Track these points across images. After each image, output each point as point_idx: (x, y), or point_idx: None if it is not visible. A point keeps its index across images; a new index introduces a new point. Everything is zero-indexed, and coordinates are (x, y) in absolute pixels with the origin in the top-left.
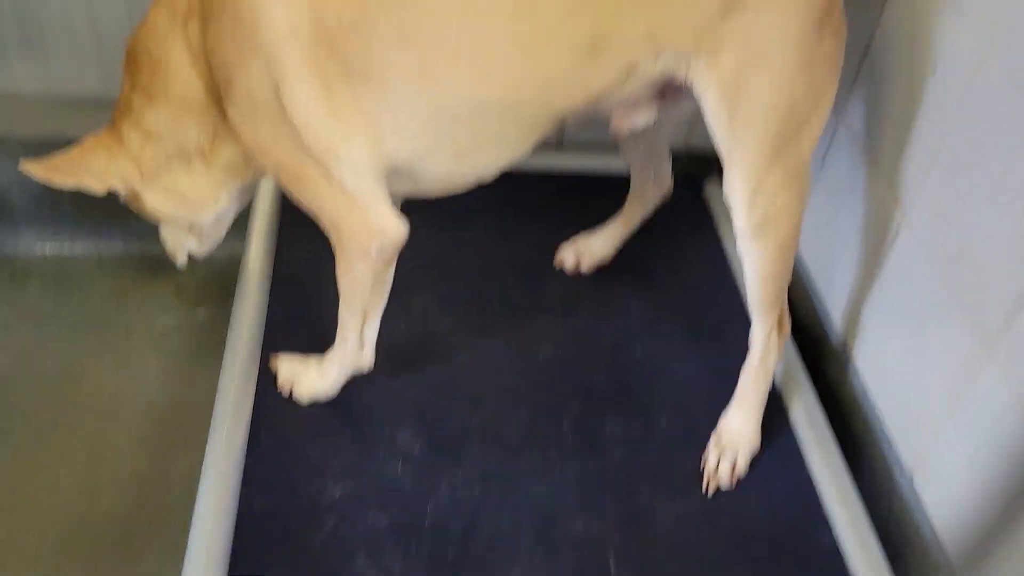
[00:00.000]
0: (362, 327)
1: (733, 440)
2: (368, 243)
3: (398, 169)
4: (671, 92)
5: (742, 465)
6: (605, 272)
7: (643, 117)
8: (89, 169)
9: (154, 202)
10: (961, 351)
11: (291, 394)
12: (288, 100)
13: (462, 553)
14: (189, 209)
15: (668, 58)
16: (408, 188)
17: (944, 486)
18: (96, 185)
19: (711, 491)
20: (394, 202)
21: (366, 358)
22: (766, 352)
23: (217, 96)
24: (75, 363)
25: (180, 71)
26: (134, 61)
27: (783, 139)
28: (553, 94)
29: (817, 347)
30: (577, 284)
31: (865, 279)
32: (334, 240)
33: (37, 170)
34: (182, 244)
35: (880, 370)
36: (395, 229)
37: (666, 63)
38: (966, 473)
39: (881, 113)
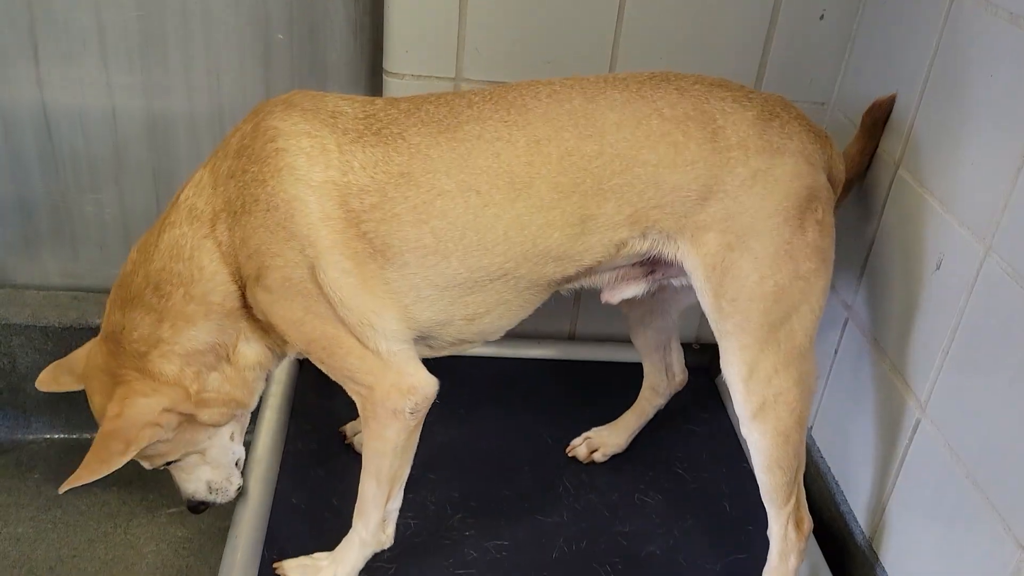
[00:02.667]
0: (387, 500)
1: None
2: (403, 402)
3: (419, 334)
4: (662, 269)
5: None
6: (619, 462)
7: (632, 291)
8: (135, 424)
9: (210, 414)
10: (996, 551)
11: None
12: (324, 279)
13: None
14: (240, 404)
15: (655, 238)
16: (423, 353)
17: None
18: (150, 432)
19: None
20: None
21: (388, 535)
22: (785, 552)
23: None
24: (71, 556)
25: (217, 277)
26: (154, 291)
27: (772, 324)
28: (547, 266)
29: (842, 548)
30: (591, 476)
31: (887, 476)
32: (366, 407)
33: (85, 475)
34: (201, 481)
35: (910, 573)
36: (428, 384)
37: (653, 242)
38: None
39: (888, 309)
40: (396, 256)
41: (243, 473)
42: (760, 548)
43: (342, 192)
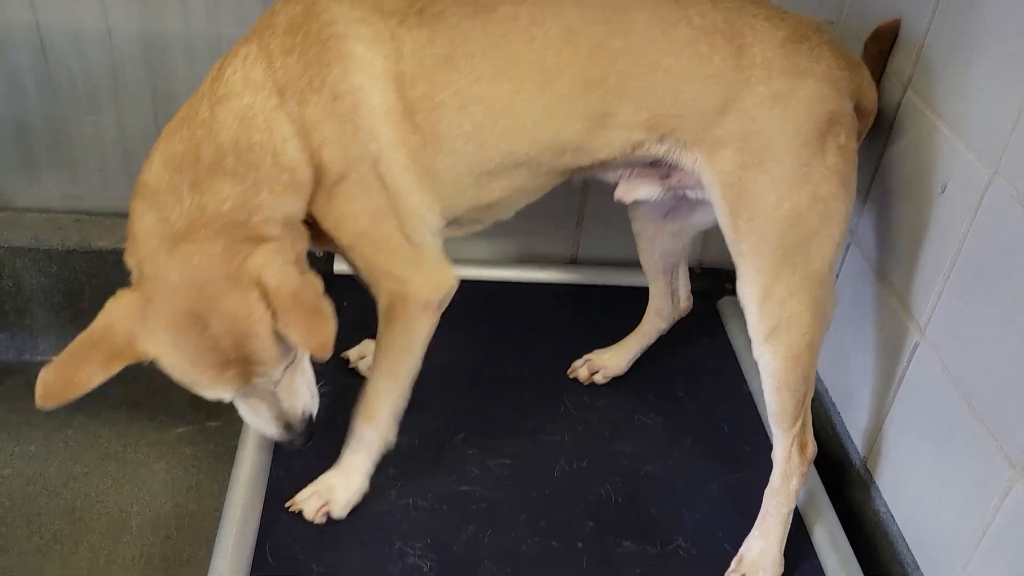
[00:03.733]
0: (400, 399)
1: (754, 564)
2: (434, 296)
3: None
4: (678, 176)
5: None
6: (619, 384)
7: (645, 192)
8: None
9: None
10: (988, 471)
11: (329, 517)
12: (384, 173)
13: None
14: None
15: (671, 145)
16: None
17: None
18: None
19: None
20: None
21: (395, 434)
22: (787, 473)
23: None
24: (83, 473)
25: (300, 155)
26: (237, 160)
27: (789, 247)
28: (566, 156)
29: (838, 468)
30: (592, 397)
31: (884, 399)
32: (396, 303)
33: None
34: (303, 387)
35: (904, 493)
36: (454, 278)
37: (670, 148)
38: None
39: (891, 233)
40: (443, 145)
41: None
42: (755, 468)
43: (398, 82)
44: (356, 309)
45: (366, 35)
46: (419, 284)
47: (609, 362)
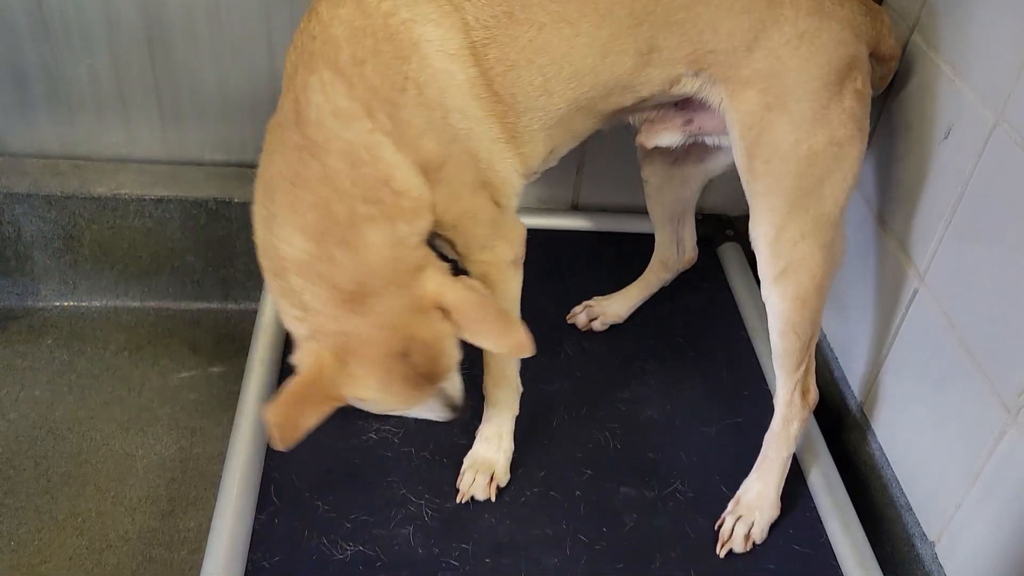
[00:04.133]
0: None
1: (751, 506)
2: (519, 252)
3: None
4: (700, 120)
5: (759, 532)
6: (618, 330)
7: (668, 138)
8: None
9: None
10: (983, 416)
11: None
12: (479, 146)
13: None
14: None
15: (704, 81)
16: None
17: (967, 555)
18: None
19: (723, 553)
20: None
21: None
22: (788, 418)
23: None
24: (88, 417)
25: (404, 166)
26: (364, 203)
27: (803, 188)
28: (614, 95)
29: (836, 413)
30: (591, 343)
31: (882, 345)
32: (491, 271)
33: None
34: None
35: (900, 436)
36: (524, 228)
37: (703, 84)
38: (989, 541)
39: (893, 178)
40: (520, 104)
41: (250, 339)
42: (753, 414)
43: (473, 52)
44: None
45: (432, 13)
46: (506, 246)
47: (609, 309)
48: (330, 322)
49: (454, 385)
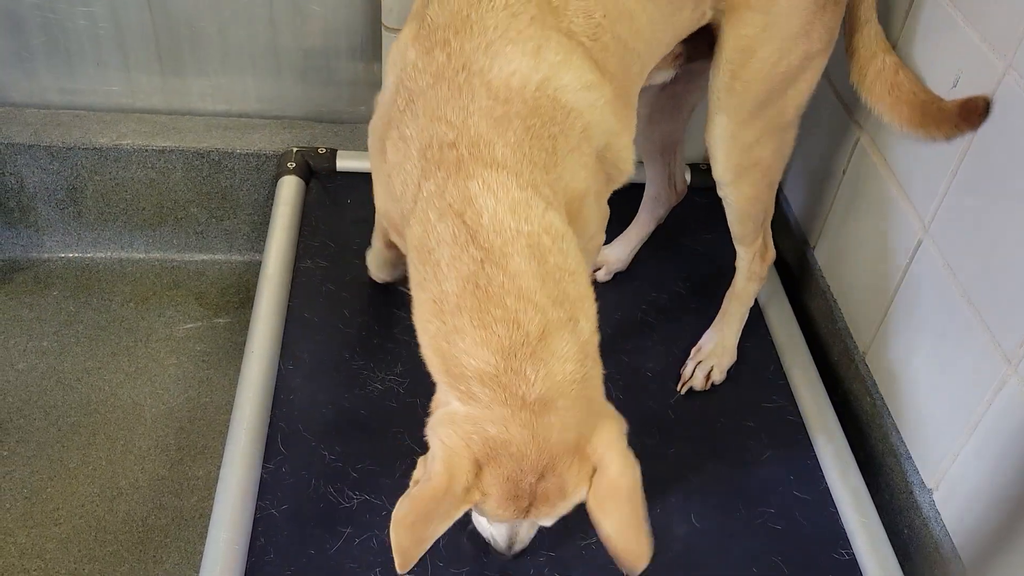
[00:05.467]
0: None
1: (711, 353)
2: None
3: None
4: (691, 50)
5: (718, 374)
6: (622, 281)
7: (661, 76)
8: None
9: None
10: (983, 366)
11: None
12: (616, 156)
13: (479, 571)
14: None
15: (718, 11)
16: None
17: (964, 502)
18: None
19: (684, 391)
20: None
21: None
22: (749, 278)
23: None
24: (96, 368)
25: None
26: (555, 303)
27: (769, 99)
28: (667, 46)
29: (837, 363)
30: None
31: (885, 296)
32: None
33: None
34: None
35: (900, 386)
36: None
37: (715, 15)
38: (986, 489)
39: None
40: (631, 98)
41: (255, 290)
42: (757, 361)
43: (598, 68)
44: (361, 206)
45: (556, 56)
46: (601, 234)
47: (611, 256)
48: (492, 423)
49: (532, 528)
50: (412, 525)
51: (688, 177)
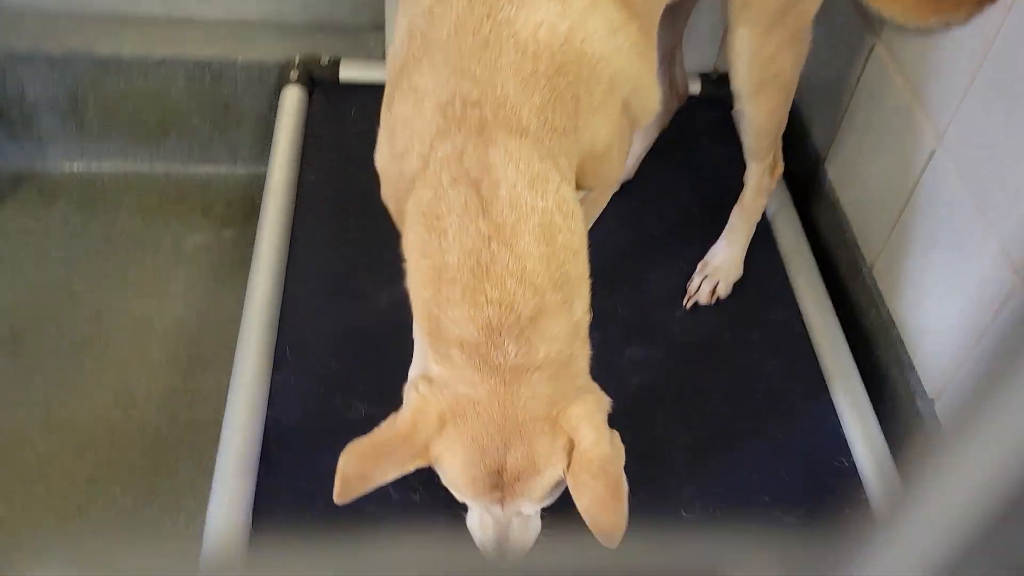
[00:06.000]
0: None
1: (717, 268)
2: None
3: None
4: None
5: (724, 288)
6: (628, 194)
7: None
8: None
9: None
10: (991, 278)
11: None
12: (643, 99)
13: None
14: None
15: None
16: None
17: None
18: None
19: (689, 305)
20: None
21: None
22: (758, 192)
23: None
24: (105, 281)
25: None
26: (553, 285)
27: (787, 7)
28: None
29: (845, 275)
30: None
31: (895, 206)
32: (601, 191)
33: None
34: None
35: (907, 298)
36: None
37: None
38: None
39: (918, 34)
40: (652, 22)
41: (260, 203)
42: (764, 272)
43: (625, 5)
44: (365, 118)
45: (581, 2)
46: (621, 171)
47: None
48: (463, 383)
49: (521, 533)
50: (362, 456)
51: (686, 81)
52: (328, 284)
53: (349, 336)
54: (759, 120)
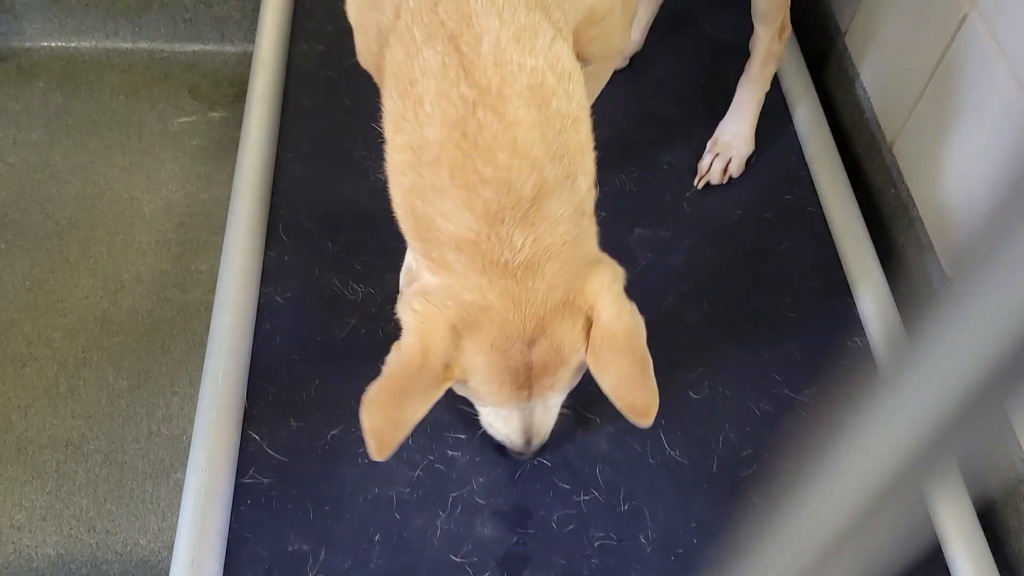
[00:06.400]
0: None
1: (728, 144)
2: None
3: None
4: None
5: (736, 166)
6: (638, 72)
7: None
8: None
9: None
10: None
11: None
12: None
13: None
14: None
15: None
16: None
17: None
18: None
19: (700, 185)
20: None
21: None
22: (767, 59)
23: None
24: (89, 162)
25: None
26: (554, 159)
27: None
28: None
29: (862, 153)
30: (610, 84)
31: (921, 77)
32: (605, 60)
33: None
34: None
35: (927, 176)
36: None
37: None
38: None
39: None
40: None
41: (248, 74)
42: (775, 148)
43: None
44: None
45: None
46: (626, 38)
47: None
48: (468, 291)
49: (545, 415)
50: (384, 405)
51: None
52: (322, 161)
53: (345, 215)
54: None
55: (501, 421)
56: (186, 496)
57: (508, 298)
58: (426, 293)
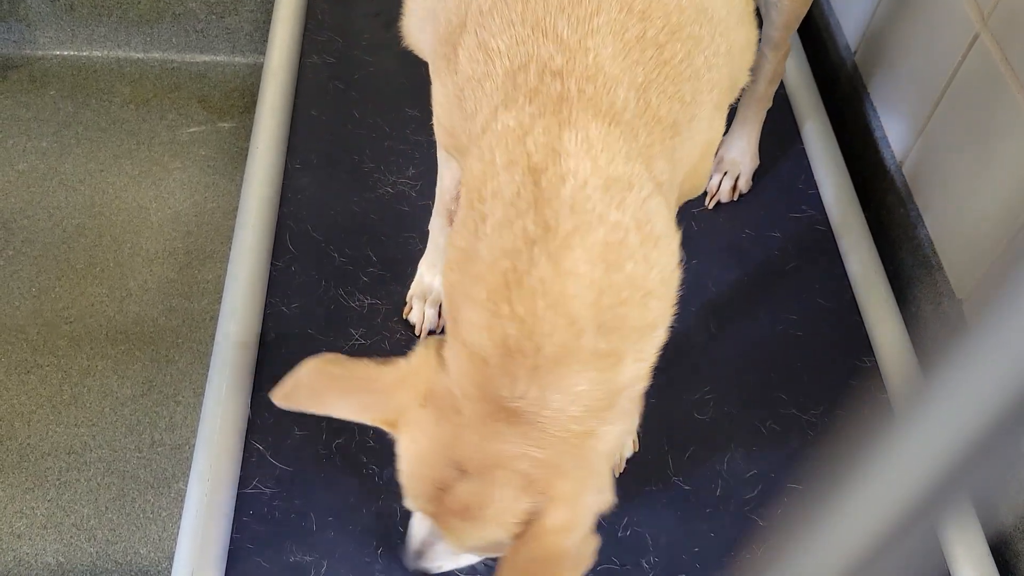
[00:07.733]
0: None
1: (735, 161)
2: None
3: None
4: None
5: (744, 182)
6: None
7: None
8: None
9: None
10: None
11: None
12: (737, 55)
13: None
14: None
15: None
16: None
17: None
18: None
19: (711, 205)
20: None
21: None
22: (772, 80)
23: None
24: (98, 170)
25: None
26: (598, 326)
27: None
28: None
29: (872, 174)
30: None
31: (930, 100)
32: None
33: None
34: None
35: (937, 195)
36: None
37: None
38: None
39: None
40: None
41: (259, 85)
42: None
43: None
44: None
45: None
46: None
47: None
48: (458, 386)
49: (445, 560)
50: (330, 377)
51: None
52: (330, 173)
53: (352, 228)
54: (793, 8)
55: (418, 523)
56: (188, 506)
57: (477, 423)
58: (440, 348)
